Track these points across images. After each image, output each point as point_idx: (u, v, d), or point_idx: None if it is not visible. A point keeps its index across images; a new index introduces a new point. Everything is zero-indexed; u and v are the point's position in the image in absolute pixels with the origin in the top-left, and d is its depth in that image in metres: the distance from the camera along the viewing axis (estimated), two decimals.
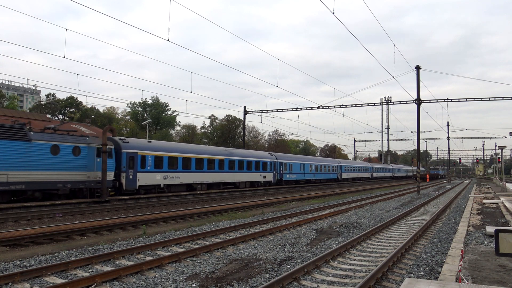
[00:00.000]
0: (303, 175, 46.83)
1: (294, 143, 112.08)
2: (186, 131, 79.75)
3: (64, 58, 23.00)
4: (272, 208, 21.56)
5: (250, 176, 36.46)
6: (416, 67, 34.77)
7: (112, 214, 18.07)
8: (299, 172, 45.70)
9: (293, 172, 44.57)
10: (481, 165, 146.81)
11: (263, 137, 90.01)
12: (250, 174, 36.51)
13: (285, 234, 13.18)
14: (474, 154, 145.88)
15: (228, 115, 78.21)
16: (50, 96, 72.52)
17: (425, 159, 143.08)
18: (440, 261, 9.03)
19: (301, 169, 46.45)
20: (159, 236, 12.41)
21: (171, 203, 22.49)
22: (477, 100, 37.92)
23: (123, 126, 78.15)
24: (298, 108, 43.62)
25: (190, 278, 7.68)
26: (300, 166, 46.35)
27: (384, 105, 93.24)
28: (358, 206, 22.85)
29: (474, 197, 28.03)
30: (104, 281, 7.42)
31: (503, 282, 6.64)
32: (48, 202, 19.38)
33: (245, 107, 47.05)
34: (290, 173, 43.76)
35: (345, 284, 7.51)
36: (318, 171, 51.56)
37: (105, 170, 21.92)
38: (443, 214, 19.29)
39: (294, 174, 44.80)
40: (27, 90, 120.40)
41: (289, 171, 43.68)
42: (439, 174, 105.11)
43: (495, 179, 66.67)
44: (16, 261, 8.85)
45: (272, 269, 8.44)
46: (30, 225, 14.44)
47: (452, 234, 12.93)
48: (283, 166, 42.38)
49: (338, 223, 15.27)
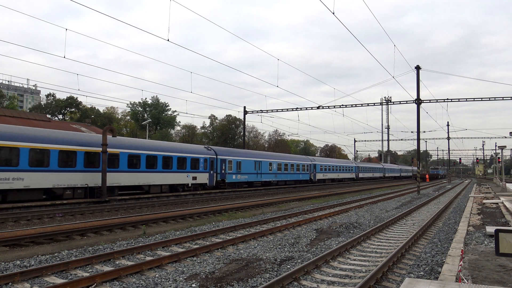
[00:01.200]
0: (259, 175, 38.41)
1: (294, 143, 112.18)
2: (186, 131, 79.80)
3: (64, 58, 23.01)
4: (272, 208, 21.57)
5: (169, 177, 27.40)
6: (416, 67, 34.78)
7: (112, 214, 18.07)
8: (252, 172, 37.22)
9: (243, 172, 35.78)
10: (481, 165, 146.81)
11: (263, 137, 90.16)
12: (170, 175, 27.44)
13: (285, 234, 13.18)
14: (474, 154, 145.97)
15: (228, 115, 78.38)
16: (50, 96, 72.61)
17: (425, 159, 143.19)
18: (440, 261, 9.03)
19: (255, 168, 37.94)
20: (159, 236, 12.41)
21: (171, 203, 22.49)
22: (477, 100, 37.95)
23: (123, 126, 78.22)
24: (298, 108, 43.64)
25: (190, 278, 7.68)
26: (255, 164, 37.68)
27: (384, 105, 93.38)
28: (358, 206, 22.85)
29: (474, 197, 28.03)
30: (104, 281, 7.42)
31: (503, 282, 6.64)
32: (48, 202, 19.39)
33: (245, 107, 47.09)
34: (238, 173, 34.97)
35: (345, 284, 7.51)
36: (283, 171, 42.99)
37: (105, 170, 21.93)
38: (443, 214, 19.29)
39: (245, 175, 36.05)
40: (27, 90, 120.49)
41: (235, 170, 34.68)
42: (439, 174, 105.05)
43: (495, 179, 66.68)
44: (16, 261, 8.85)
45: (272, 269, 8.44)
46: (30, 225, 14.43)
47: (452, 234, 12.93)
48: (226, 164, 33.31)
49: (338, 223, 15.28)
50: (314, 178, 50.59)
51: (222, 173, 32.94)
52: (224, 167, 33.21)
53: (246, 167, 36.36)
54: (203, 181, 30.97)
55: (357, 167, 68.45)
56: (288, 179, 44.66)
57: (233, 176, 34.31)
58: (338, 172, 59.70)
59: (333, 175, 57.62)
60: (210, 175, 31.76)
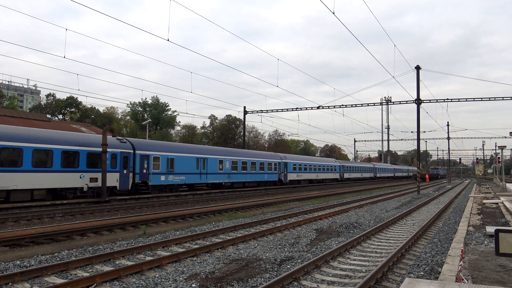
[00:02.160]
0: (203, 176, 31.02)
1: (294, 143, 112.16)
2: (186, 131, 79.82)
3: (64, 58, 22.99)
4: (272, 208, 21.57)
5: (46, 178, 19.97)
6: (416, 67, 34.79)
7: (112, 214, 18.07)
8: (192, 172, 29.80)
9: (178, 171, 28.39)
10: (481, 165, 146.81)
11: (263, 137, 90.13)
12: (48, 176, 20.08)
13: (285, 234, 13.18)
14: (474, 154, 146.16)
15: (228, 115, 78.37)
16: (50, 96, 72.60)
17: (425, 159, 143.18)
18: (440, 261, 9.03)
19: (198, 167, 30.35)
20: (159, 236, 12.41)
21: (171, 203, 22.49)
22: (477, 100, 37.96)
23: (123, 126, 78.23)
24: (298, 108, 43.64)
25: (190, 278, 7.68)
26: (197, 161, 30.38)
27: (384, 105, 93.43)
28: (358, 206, 22.85)
29: (474, 197, 28.03)
30: (104, 281, 7.42)
31: (503, 282, 6.64)
32: (48, 202, 19.39)
33: (245, 107, 47.10)
34: (170, 173, 27.75)
35: (345, 284, 7.51)
36: (239, 171, 35.65)
37: (105, 170, 21.93)
38: (443, 214, 19.29)
39: (181, 175, 28.60)
40: (27, 90, 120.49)
41: (165, 169, 27.24)
42: (439, 174, 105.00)
43: (495, 179, 66.68)
44: (16, 261, 8.85)
45: (272, 269, 8.44)
46: (30, 225, 14.43)
47: (452, 234, 12.93)
48: (150, 161, 26.05)
49: (338, 223, 15.27)
50: (285, 179, 43.31)
51: (144, 173, 25.39)
52: (147, 166, 25.76)
53: (182, 165, 28.74)
54: (110, 183, 23.00)
55: (341, 166, 60.87)
56: (248, 180, 37.08)
57: (161, 176, 26.71)
58: (317, 172, 51.62)
59: (310, 176, 49.82)
60: (122, 176, 23.99)
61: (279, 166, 42.45)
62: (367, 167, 74.91)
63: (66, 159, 21.00)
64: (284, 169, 43.26)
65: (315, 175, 51.21)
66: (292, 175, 45.03)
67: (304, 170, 47.95)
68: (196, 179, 30.54)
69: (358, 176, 68.41)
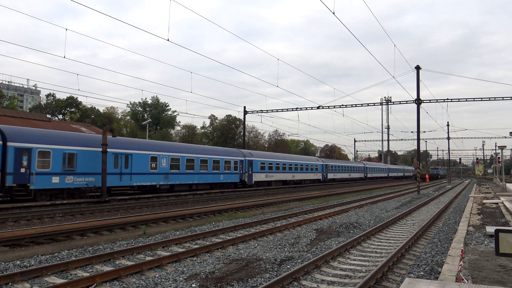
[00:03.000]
0: (126, 177, 24.50)
1: (294, 143, 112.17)
2: (186, 131, 79.83)
3: (64, 58, 22.98)
4: (272, 208, 21.57)
5: None
6: (416, 67, 34.80)
7: (112, 214, 18.07)
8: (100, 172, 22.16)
9: (82, 171, 21.96)
10: (481, 165, 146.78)
11: (263, 137, 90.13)
12: None
13: (285, 234, 13.18)
14: (474, 154, 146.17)
15: (228, 115, 78.39)
16: (50, 96, 72.60)
17: (425, 159, 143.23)
18: (440, 261, 9.03)
19: (117, 165, 24.09)
20: (159, 236, 12.41)
21: (171, 203, 22.49)
22: (477, 100, 37.96)
23: (123, 126, 78.22)
24: (298, 108, 43.64)
25: (190, 278, 7.68)
26: (115, 158, 23.94)
27: (384, 105, 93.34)
28: (358, 206, 22.85)
29: (474, 197, 28.02)
30: (104, 281, 7.42)
31: (503, 282, 6.64)
32: (48, 202, 19.39)
33: (245, 107, 47.08)
34: (69, 172, 21.30)
35: (345, 284, 7.51)
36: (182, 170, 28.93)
37: (105, 170, 21.92)
38: (443, 214, 19.29)
39: (87, 176, 22.13)
40: (27, 90, 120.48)
41: (58, 168, 20.85)
42: (439, 174, 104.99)
43: (495, 179, 66.67)
44: (16, 261, 8.85)
45: (272, 269, 8.44)
46: (30, 225, 14.44)
47: (452, 234, 12.93)
48: (32, 157, 19.73)
49: (338, 223, 15.27)
50: (250, 180, 36.73)
51: (21, 173, 19.12)
52: (28, 163, 19.40)
53: (90, 162, 22.33)
54: None
55: (324, 165, 54.50)
56: (196, 182, 30.42)
57: (52, 178, 20.37)
58: (293, 171, 45.43)
59: (284, 176, 43.71)
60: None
61: (242, 164, 35.85)
62: (356, 166, 68.83)
63: None
64: (248, 169, 36.54)
65: (290, 175, 44.79)
66: (260, 176, 38.63)
67: (276, 169, 41.62)
68: (114, 181, 23.76)
69: (345, 176, 62.18)
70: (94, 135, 27.53)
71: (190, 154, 30.32)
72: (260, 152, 45.00)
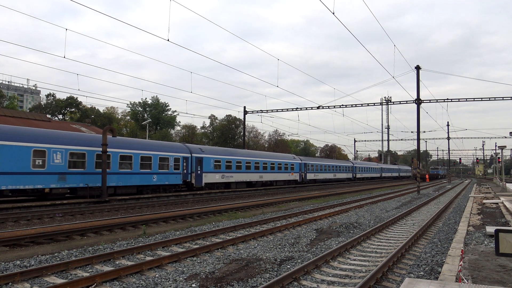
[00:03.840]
0: None
1: (294, 143, 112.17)
2: (186, 131, 79.84)
3: (64, 58, 22.96)
4: (272, 208, 21.57)
5: None
6: (416, 67, 34.81)
7: (112, 214, 18.07)
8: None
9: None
10: (481, 165, 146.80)
11: (263, 137, 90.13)
12: None
13: (285, 234, 13.18)
14: (474, 154, 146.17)
15: (228, 115, 78.41)
16: (50, 96, 72.60)
17: (425, 159, 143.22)
18: (440, 261, 9.03)
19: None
20: (159, 236, 12.41)
21: (171, 203, 22.49)
22: (477, 100, 37.98)
23: (123, 126, 78.24)
24: (298, 108, 43.65)
25: (190, 278, 7.68)
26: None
27: (384, 105, 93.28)
28: (358, 206, 22.85)
29: (474, 197, 28.02)
30: (104, 281, 7.42)
31: (503, 282, 6.64)
32: (48, 202, 19.39)
33: (245, 107, 47.08)
34: None
35: (345, 284, 7.51)
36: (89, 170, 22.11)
37: (105, 170, 21.92)
38: (443, 214, 19.29)
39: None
40: (27, 90, 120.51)
41: None
42: (439, 174, 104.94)
43: (495, 179, 66.68)
44: (16, 261, 8.85)
45: (272, 269, 8.44)
46: (30, 225, 14.44)
47: (452, 234, 12.93)
48: None
49: (338, 223, 15.27)
50: (198, 181, 30.27)
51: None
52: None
53: None
54: None
55: (303, 164, 47.46)
56: (122, 184, 23.95)
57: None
58: (261, 171, 38.31)
59: (250, 176, 36.68)
60: None
61: (187, 162, 29.35)
62: (342, 166, 61.86)
63: None
64: (197, 168, 30.16)
65: (257, 175, 37.94)
66: (212, 177, 31.91)
67: (236, 169, 34.47)
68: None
69: (330, 177, 55.60)
70: None
71: (108, 148, 22.64)
72: (214, 148, 37.49)
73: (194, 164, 30.07)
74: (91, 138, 24.10)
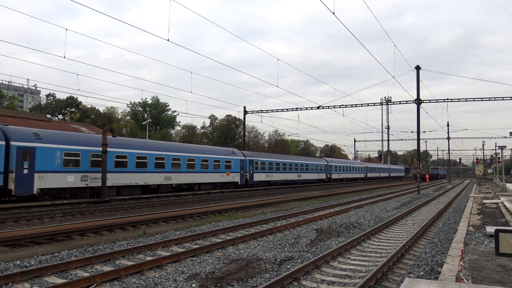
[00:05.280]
0: None
1: (294, 143, 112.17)
2: (186, 131, 79.84)
3: (64, 58, 22.96)
4: (272, 208, 21.57)
5: None
6: (416, 67, 34.81)
7: (112, 214, 18.07)
8: None
9: None
10: (481, 165, 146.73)
11: (263, 137, 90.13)
12: None
13: (285, 234, 13.18)
14: (474, 154, 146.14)
15: (228, 115, 78.42)
16: (50, 96, 72.62)
17: (425, 159, 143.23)
18: (440, 261, 9.03)
19: None
20: (159, 236, 12.41)
21: (171, 203, 22.49)
22: (477, 100, 37.98)
23: (123, 126, 78.25)
24: (298, 108, 43.64)
25: (190, 278, 7.68)
26: None
27: (384, 105, 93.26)
28: (358, 206, 22.85)
29: (474, 197, 28.03)
30: (104, 281, 7.42)
31: (503, 282, 6.64)
32: (48, 202, 19.40)
33: (245, 107, 47.07)
34: None
35: (345, 284, 7.51)
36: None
37: (105, 170, 21.92)
38: (443, 214, 19.29)
39: None
40: (27, 90, 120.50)
41: None
42: (439, 174, 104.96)
43: (495, 179, 66.68)
44: (16, 261, 8.85)
45: (272, 269, 8.44)
46: (30, 225, 14.44)
47: (452, 234, 12.93)
48: None
49: (338, 223, 15.28)
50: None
51: None
52: None
53: None
54: None
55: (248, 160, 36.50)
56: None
57: None
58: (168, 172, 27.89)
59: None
60: None
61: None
62: (312, 164, 50.47)
63: None
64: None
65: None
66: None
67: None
68: None
69: (292, 178, 44.87)
70: None
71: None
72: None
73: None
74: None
